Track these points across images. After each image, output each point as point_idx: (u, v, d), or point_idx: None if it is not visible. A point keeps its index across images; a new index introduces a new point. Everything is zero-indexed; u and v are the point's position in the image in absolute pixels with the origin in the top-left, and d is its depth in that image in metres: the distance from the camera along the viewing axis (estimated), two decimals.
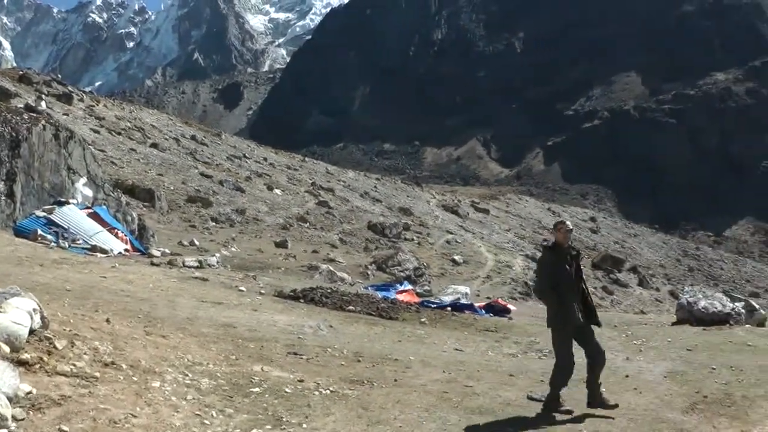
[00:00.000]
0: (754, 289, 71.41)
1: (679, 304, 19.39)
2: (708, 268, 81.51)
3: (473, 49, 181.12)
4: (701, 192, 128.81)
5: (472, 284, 28.49)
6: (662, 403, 9.80)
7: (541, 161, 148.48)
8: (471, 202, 72.59)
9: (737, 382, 11.20)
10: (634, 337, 15.55)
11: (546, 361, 12.47)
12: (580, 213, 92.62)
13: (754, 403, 9.97)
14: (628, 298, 40.73)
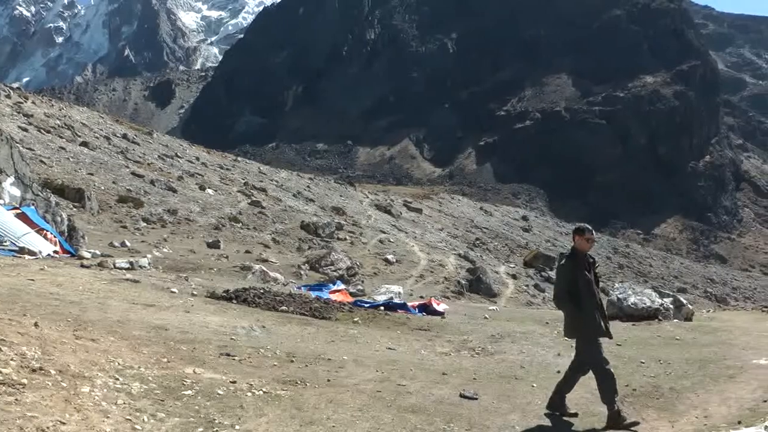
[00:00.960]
0: (682, 285, 73.20)
1: (610, 301, 19.78)
2: (637, 266, 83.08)
3: (406, 50, 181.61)
4: (631, 191, 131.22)
5: (405, 283, 28.59)
6: (593, 397, 9.99)
7: (474, 161, 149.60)
8: (404, 201, 72.87)
9: (665, 375, 11.50)
10: None
11: (478, 359, 12.60)
12: (512, 212, 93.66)
13: (681, 395, 10.23)
14: None
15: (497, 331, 15.58)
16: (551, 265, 48.59)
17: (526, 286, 39.21)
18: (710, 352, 13.58)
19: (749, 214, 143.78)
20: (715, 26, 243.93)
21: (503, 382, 10.82)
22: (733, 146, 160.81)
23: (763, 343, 14.49)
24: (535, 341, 14.63)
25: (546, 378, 11.11)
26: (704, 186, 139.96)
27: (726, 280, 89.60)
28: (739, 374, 11.60)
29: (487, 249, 57.25)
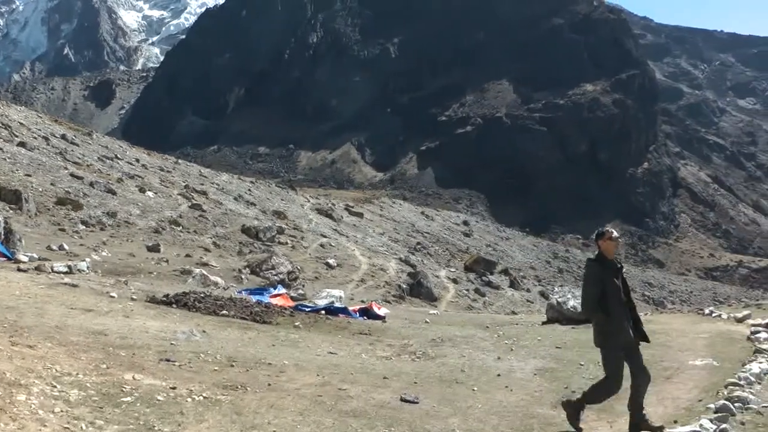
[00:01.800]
0: None
1: (549, 304, 20.06)
2: (577, 270, 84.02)
3: (348, 53, 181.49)
4: (570, 197, 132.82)
5: (346, 288, 28.56)
6: (532, 399, 10.12)
7: (415, 166, 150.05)
8: (345, 205, 72.79)
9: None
10: (505, 337, 15.92)
11: (419, 363, 12.67)
12: (453, 217, 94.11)
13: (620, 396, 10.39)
14: (499, 300, 41.54)
15: (438, 335, 15.66)
16: (492, 270, 48.99)
17: (467, 291, 39.44)
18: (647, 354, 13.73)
19: (686, 219, 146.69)
20: (654, 37, 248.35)
21: (444, 386, 10.88)
22: (671, 154, 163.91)
23: (699, 345, 14.81)
24: (476, 345, 14.72)
25: (487, 382, 11.21)
26: (642, 192, 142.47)
27: (663, 283, 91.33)
28: (675, 375, 11.86)
29: (428, 253, 57.50)
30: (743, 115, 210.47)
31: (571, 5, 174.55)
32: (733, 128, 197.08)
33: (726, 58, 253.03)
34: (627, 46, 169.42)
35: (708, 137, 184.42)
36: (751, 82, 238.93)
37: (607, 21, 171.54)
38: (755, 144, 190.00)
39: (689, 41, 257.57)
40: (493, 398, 10.24)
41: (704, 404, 9.89)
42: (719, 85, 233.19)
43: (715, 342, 15.40)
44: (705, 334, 16.63)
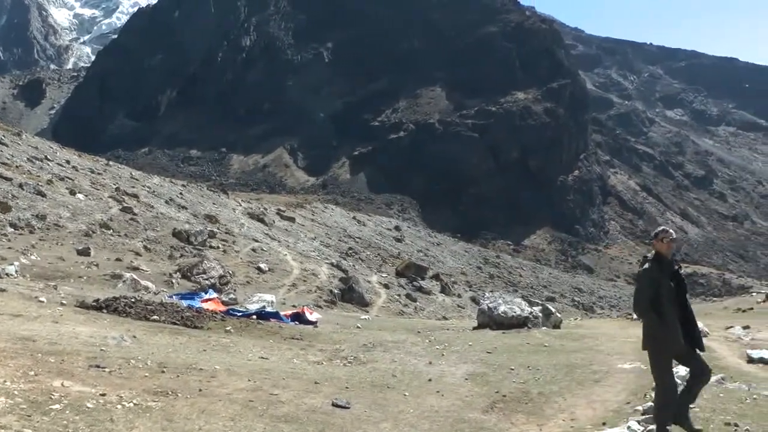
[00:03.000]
0: (551, 294, 75.28)
1: (480, 310, 20.26)
2: (508, 275, 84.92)
3: (281, 57, 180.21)
4: (502, 203, 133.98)
5: (277, 292, 28.49)
6: (464, 404, 10.25)
7: (348, 171, 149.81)
8: (277, 210, 72.37)
9: (534, 380, 11.90)
10: (436, 342, 16.08)
11: (351, 368, 12.74)
12: (384, 222, 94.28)
13: (549, 399, 10.60)
14: (431, 305, 41.72)
15: (369, 340, 15.75)
16: (423, 275, 49.20)
17: (398, 296, 39.55)
18: (577, 357, 14.11)
19: (615, 226, 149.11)
20: (585, 48, 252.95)
21: (375, 390, 10.95)
22: (601, 162, 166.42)
23: (627, 349, 15.15)
24: (407, 350, 14.84)
25: (418, 387, 11.32)
26: (573, 199, 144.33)
27: (593, 289, 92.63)
28: (604, 378, 12.12)
29: (360, 258, 57.51)
30: (671, 125, 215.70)
31: (504, 14, 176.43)
32: (661, 138, 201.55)
33: (655, 70, 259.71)
34: (558, 55, 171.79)
35: (637, 147, 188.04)
36: (679, 93, 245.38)
37: (539, 30, 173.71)
38: (683, 154, 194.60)
39: (619, 53, 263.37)
40: (424, 403, 10.34)
41: (632, 406, 10.15)
42: (648, 96, 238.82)
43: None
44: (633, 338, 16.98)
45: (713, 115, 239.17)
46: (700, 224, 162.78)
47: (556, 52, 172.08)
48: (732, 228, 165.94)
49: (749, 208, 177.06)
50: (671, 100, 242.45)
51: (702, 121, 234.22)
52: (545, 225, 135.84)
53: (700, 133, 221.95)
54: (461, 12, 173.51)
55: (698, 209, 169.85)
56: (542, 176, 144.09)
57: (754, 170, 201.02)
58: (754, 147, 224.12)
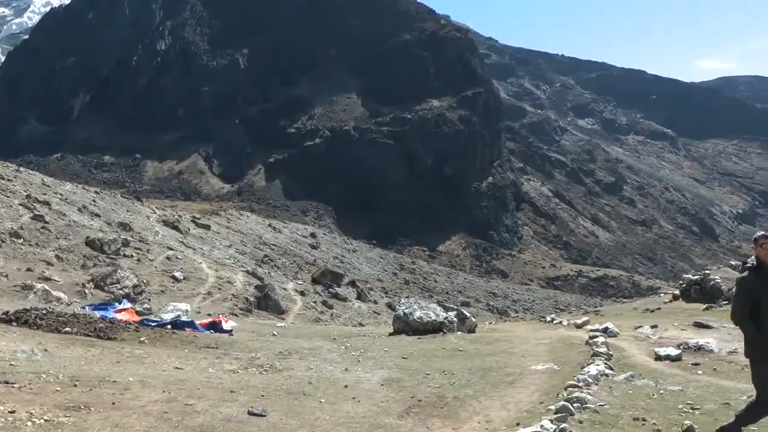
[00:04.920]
0: (466, 299, 76.11)
1: (396, 316, 20.41)
2: (423, 281, 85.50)
3: (197, 63, 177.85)
4: (417, 210, 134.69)
5: (192, 301, 28.16)
6: (379, 409, 10.32)
7: (263, 177, 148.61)
8: (192, 217, 71.37)
9: (449, 384, 12.05)
10: (352, 349, 16.15)
11: (267, 376, 12.70)
12: (300, 229, 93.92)
13: (464, 402, 10.75)
14: (347, 312, 41.78)
15: (285, 348, 15.74)
16: (339, 282, 49.21)
17: (314, 303, 39.53)
18: (492, 360, 14.35)
19: (528, 232, 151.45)
20: (498, 57, 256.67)
21: (291, 398, 10.95)
22: (515, 169, 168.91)
23: (540, 350, 15.48)
24: (323, 357, 14.88)
25: (334, 393, 11.35)
26: (487, 206, 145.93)
27: (507, 293, 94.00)
28: (518, 380, 12.36)
29: (276, 266, 57.25)
30: (583, 134, 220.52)
31: (420, 22, 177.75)
32: (573, 146, 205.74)
33: (566, 81, 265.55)
34: (473, 64, 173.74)
35: (550, 154, 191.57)
36: (589, 103, 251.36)
37: (453, 39, 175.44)
38: (594, 161, 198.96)
39: (532, 63, 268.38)
40: (340, 409, 10.38)
41: (545, 406, 10.37)
42: (560, 106, 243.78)
43: (555, 347, 16.12)
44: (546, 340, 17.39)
45: (623, 125, 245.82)
46: (610, 229, 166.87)
47: (471, 61, 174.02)
48: (641, 232, 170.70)
49: (657, 213, 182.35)
50: (582, 109, 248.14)
51: (612, 130, 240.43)
52: (460, 231, 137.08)
53: (610, 141, 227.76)
54: (377, 20, 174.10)
55: (608, 214, 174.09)
56: (457, 183, 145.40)
57: (661, 177, 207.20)
58: (662, 155, 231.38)
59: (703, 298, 31.24)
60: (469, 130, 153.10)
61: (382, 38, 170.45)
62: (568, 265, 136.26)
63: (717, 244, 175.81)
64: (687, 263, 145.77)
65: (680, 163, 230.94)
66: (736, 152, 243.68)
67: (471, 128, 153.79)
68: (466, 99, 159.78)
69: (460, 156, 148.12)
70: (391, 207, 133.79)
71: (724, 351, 16.40)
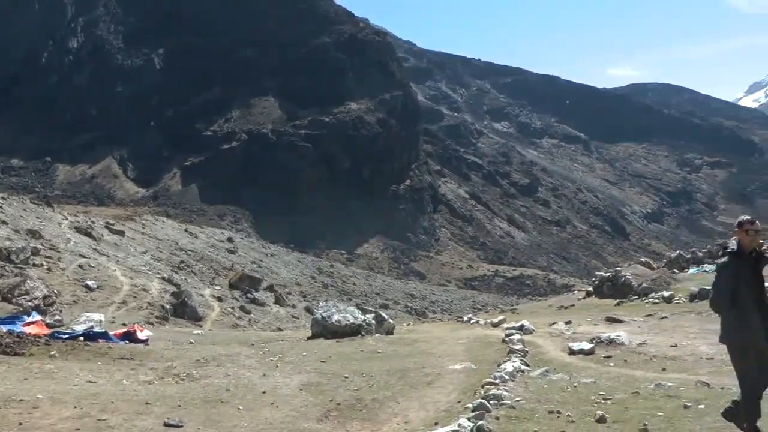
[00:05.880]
0: (384, 302, 76.41)
1: (314, 320, 20.46)
2: (341, 284, 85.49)
3: (111, 62, 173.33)
4: (335, 213, 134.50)
5: (107, 311, 27.63)
6: (298, 414, 10.31)
7: (179, 181, 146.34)
8: (106, 223, 69.89)
9: (368, 387, 12.10)
10: (271, 354, 16.10)
11: (183, 385, 12.53)
12: (217, 234, 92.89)
13: (383, 404, 10.81)
14: (265, 317, 41.55)
15: (203, 356, 15.59)
16: (257, 287, 48.95)
17: (232, 309, 39.23)
18: (410, 362, 14.46)
19: (446, 233, 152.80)
20: (416, 60, 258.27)
21: (209, 407, 10.85)
22: (432, 172, 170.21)
23: (458, 350, 15.67)
24: (241, 363, 14.79)
25: (252, 400, 11.29)
26: (405, 208, 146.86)
27: (425, 294, 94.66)
28: (436, 380, 12.48)
29: (192, 272, 56.53)
30: (499, 137, 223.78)
31: (338, 25, 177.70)
32: (489, 149, 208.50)
33: (483, 85, 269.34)
34: (391, 67, 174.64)
35: (467, 157, 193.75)
36: (505, 107, 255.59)
37: (372, 42, 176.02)
38: (509, 164, 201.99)
39: (449, 67, 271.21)
40: (258, 416, 10.34)
41: (463, 404, 10.50)
42: (477, 109, 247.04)
43: (473, 346, 16.35)
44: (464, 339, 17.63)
45: (537, 128, 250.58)
46: (526, 229, 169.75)
47: (389, 64, 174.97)
48: (555, 232, 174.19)
49: (570, 214, 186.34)
50: (498, 113, 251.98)
51: (527, 133, 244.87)
52: (378, 234, 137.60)
53: (526, 144, 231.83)
54: (296, 22, 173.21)
55: (524, 215, 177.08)
56: (375, 186, 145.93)
57: (574, 179, 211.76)
58: (575, 158, 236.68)
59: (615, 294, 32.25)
60: (387, 133, 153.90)
61: (300, 40, 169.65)
62: (484, 265, 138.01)
63: (628, 243, 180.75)
64: (600, 261, 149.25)
65: (593, 165, 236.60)
66: (645, 155, 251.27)
67: (389, 131, 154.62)
68: (384, 102, 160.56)
69: (377, 159, 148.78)
70: (309, 210, 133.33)
71: (634, 343, 17.00)
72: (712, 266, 39.87)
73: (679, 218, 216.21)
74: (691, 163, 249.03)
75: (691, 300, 27.63)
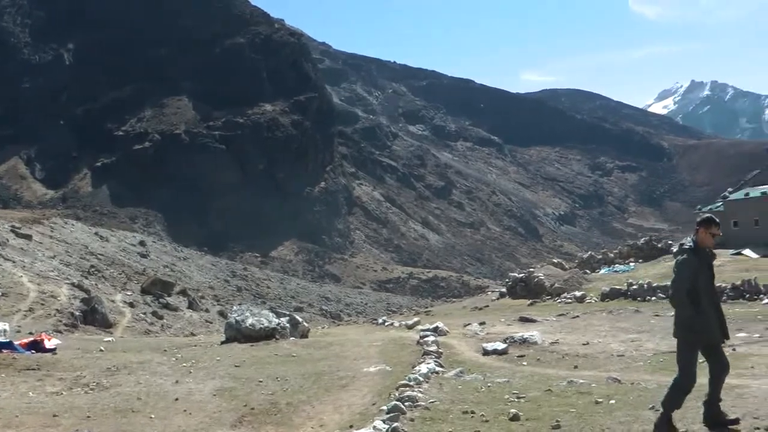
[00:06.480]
0: (299, 304, 76.44)
1: (228, 324, 20.30)
2: (256, 287, 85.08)
3: (17, 56, 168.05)
4: (249, 215, 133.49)
5: (12, 319, 26.82)
6: (212, 420, 10.19)
7: (89, 183, 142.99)
8: (11, 227, 67.79)
9: (282, 391, 12.04)
10: (183, 360, 15.90)
11: (93, 395, 12.25)
12: (129, 237, 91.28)
13: (298, 408, 10.77)
14: (178, 322, 41.06)
15: (113, 364, 15.29)
16: (169, 291, 48.31)
17: (144, 314, 38.64)
18: (325, 365, 14.47)
19: (360, 236, 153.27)
20: (331, 62, 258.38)
21: (119, 416, 10.66)
22: (347, 174, 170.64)
23: (372, 353, 15.73)
24: (153, 370, 14.57)
25: (165, 407, 11.13)
26: (319, 210, 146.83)
27: (340, 297, 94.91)
28: (351, 383, 12.50)
29: (103, 277, 55.42)
30: (413, 140, 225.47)
31: (253, 26, 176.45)
32: (404, 152, 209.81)
33: (398, 87, 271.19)
34: (306, 69, 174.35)
35: (381, 159, 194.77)
36: (420, 110, 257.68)
37: (287, 43, 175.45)
38: (424, 166, 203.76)
39: (364, 69, 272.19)
40: (171, 424, 10.21)
41: (378, 407, 10.53)
42: (392, 112, 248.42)
43: (387, 349, 16.45)
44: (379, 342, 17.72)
45: (452, 131, 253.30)
46: (440, 232, 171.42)
47: (304, 65, 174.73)
48: (469, 234, 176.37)
49: (485, 216, 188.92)
50: (413, 116, 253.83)
51: (441, 136, 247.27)
52: (292, 236, 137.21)
53: (440, 147, 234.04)
54: (210, 21, 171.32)
55: (438, 218, 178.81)
56: (289, 188, 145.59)
57: (488, 181, 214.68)
58: (489, 161, 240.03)
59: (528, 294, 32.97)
60: (301, 135, 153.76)
61: (215, 40, 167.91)
62: (399, 267, 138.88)
63: (541, 244, 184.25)
64: (513, 262, 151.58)
65: (506, 168, 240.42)
66: (558, 158, 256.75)
67: (303, 133, 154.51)
68: (299, 104, 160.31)
69: (292, 161, 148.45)
70: (222, 213, 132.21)
71: (547, 342, 17.38)
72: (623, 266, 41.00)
73: (591, 220, 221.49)
74: (602, 166, 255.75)
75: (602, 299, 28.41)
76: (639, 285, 28.17)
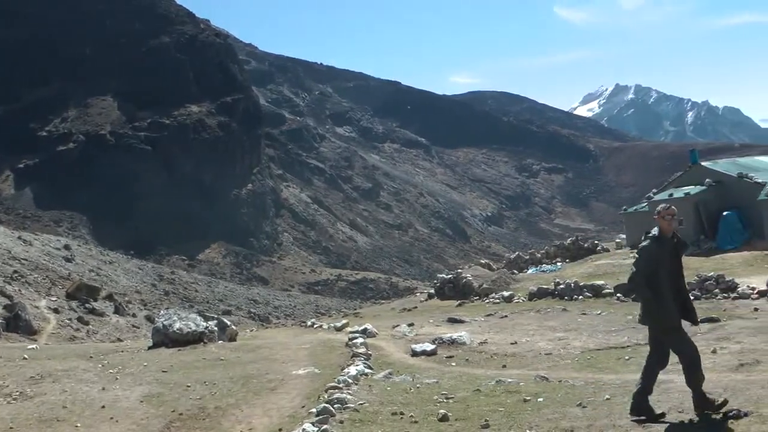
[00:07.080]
0: (227, 308, 75.90)
1: (155, 328, 20.12)
2: (183, 291, 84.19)
3: None
4: (176, 218, 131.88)
5: None
6: (139, 427, 10.16)
7: (12, 185, 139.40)
8: None
9: (211, 395, 12.04)
10: (110, 366, 15.73)
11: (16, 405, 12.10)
12: (53, 241, 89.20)
13: (226, 412, 10.80)
14: (104, 327, 40.46)
15: (37, 372, 15.06)
16: (95, 296, 47.56)
17: (69, 320, 37.97)
18: (253, 368, 14.48)
19: (288, 238, 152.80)
20: (258, 64, 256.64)
21: (44, 426, 10.55)
22: (274, 176, 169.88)
23: (301, 355, 15.81)
24: (79, 378, 14.39)
25: (91, 416, 11.04)
26: (247, 213, 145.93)
27: (268, 300, 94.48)
28: (280, 386, 12.57)
29: (27, 282, 54.11)
30: (341, 141, 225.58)
31: (179, 25, 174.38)
32: (332, 153, 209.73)
33: (325, 89, 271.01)
34: (232, 70, 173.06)
35: (309, 161, 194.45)
36: (347, 112, 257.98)
37: (213, 44, 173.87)
38: (352, 168, 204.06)
39: (291, 70, 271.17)
40: None
41: (307, 409, 10.64)
42: (319, 114, 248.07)
43: (316, 351, 16.56)
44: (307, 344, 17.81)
45: (379, 133, 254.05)
46: (368, 233, 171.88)
47: (230, 66, 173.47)
48: (398, 236, 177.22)
49: (413, 218, 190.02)
50: (340, 117, 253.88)
51: (369, 138, 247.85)
52: (220, 239, 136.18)
53: (368, 149, 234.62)
54: (134, 20, 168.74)
55: (366, 219, 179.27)
56: (216, 190, 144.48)
57: (416, 183, 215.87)
58: (416, 162, 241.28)
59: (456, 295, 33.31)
60: (228, 137, 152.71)
61: (140, 39, 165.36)
62: (327, 269, 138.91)
63: (469, 245, 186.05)
64: (441, 264, 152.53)
65: (434, 170, 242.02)
66: (485, 160, 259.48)
67: (230, 135, 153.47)
68: (226, 105, 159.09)
69: (219, 163, 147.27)
70: (148, 215, 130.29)
71: (475, 342, 17.67)
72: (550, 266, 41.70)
73: (518, 221, 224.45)
74: (529, 168, 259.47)
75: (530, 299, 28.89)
76: (566, 284, 28.66)
